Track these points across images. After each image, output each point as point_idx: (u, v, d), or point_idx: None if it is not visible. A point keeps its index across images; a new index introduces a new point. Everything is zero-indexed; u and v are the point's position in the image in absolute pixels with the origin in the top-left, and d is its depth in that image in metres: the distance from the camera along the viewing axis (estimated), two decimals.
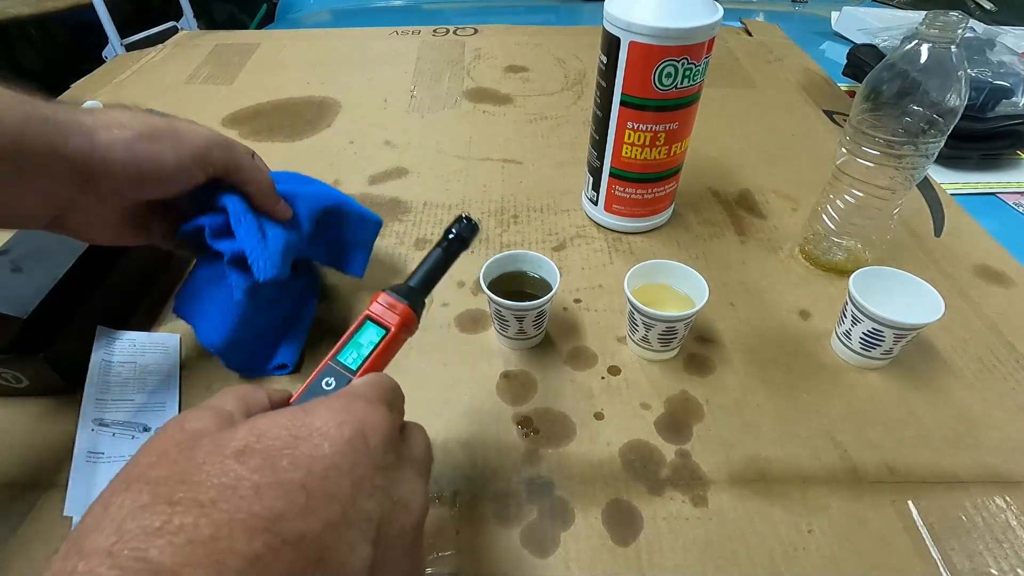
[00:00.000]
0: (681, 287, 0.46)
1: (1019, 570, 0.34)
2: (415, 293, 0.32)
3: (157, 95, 0.86)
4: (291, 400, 0.27)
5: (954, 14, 0.41)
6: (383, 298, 0.31)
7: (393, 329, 0.30)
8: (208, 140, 0.37)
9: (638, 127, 0.51)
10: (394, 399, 0.27)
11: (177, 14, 1.56)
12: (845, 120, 0.54)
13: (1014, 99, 0.71)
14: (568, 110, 0.82)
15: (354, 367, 0.29)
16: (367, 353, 0.29)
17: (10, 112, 0.29)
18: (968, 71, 0.43)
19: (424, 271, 0.33)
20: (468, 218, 0.34)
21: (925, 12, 0.42)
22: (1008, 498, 0.38)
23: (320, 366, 0.29)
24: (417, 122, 0.78)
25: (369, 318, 0.30)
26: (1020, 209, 0.66)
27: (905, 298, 0.44)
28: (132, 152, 0.33)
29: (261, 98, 0.85)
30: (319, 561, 0.18)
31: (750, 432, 0.42)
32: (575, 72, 0.92)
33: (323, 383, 0.28)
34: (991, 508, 0.37)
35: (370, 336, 0.30)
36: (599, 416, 0.43)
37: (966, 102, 0.43)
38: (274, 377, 0.45)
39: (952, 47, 0.41)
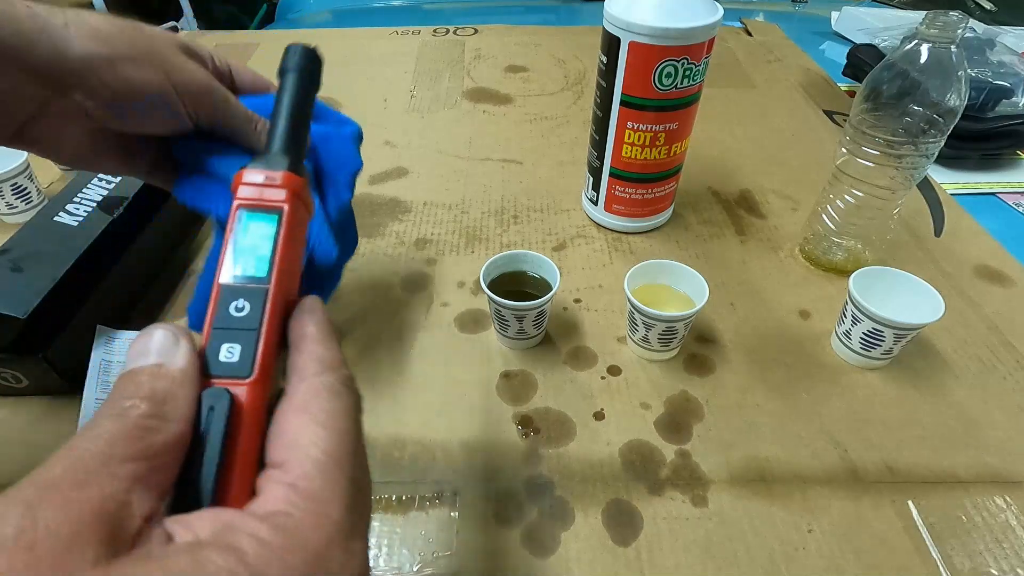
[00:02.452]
0: (681, 287, 0.46)
1: (1019, 570, 0.34)
2: (289, 154, 0.23)
3: None
4: (202, 346, 0.20)
5: (954, 14, 0.41)
6: (249, 175, 0.22)
7: (287, 207, 0.22)
8: (208, 82, 0.30)
9: (638, 127, 0.51)
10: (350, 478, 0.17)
11: (177, 14, 1.56)
12: (845, 120, 0.54)
13: (1014, 99, 0.71)
14: (568, 110, 0.82)
15: (262, 274, 0.21)
16: (270, 250, 0.21)
17: None
18: (968, 71, 0.43)
19: (284, 126, 0.24)
20: (299, 46, 0.27)
21: (925, 12, 0.42)
22: (1008, 498, 0.38)
23: (214, 293, 0.20)
24: (417, 122, 0.78)
25: (243, 207, 0.22)
26: (1020, 209, 0.66)
27: (905, 298, 0.44)
28: (114, 72, 0.26)
29: None
30: None
31: (750, 432, 0.42)
32: (575, 72, 0.92)
33: (231, 309, 0.20)
34: (991, 508, 0.37)
35: (259, 230, 0.21)
36: (599, 416, 0.43)
37: (966, 102, 0.43)
38: None
39: (952, 47, 0.42)
